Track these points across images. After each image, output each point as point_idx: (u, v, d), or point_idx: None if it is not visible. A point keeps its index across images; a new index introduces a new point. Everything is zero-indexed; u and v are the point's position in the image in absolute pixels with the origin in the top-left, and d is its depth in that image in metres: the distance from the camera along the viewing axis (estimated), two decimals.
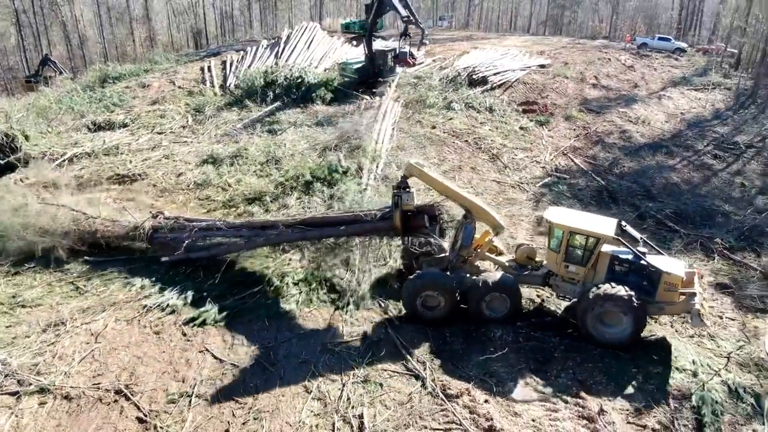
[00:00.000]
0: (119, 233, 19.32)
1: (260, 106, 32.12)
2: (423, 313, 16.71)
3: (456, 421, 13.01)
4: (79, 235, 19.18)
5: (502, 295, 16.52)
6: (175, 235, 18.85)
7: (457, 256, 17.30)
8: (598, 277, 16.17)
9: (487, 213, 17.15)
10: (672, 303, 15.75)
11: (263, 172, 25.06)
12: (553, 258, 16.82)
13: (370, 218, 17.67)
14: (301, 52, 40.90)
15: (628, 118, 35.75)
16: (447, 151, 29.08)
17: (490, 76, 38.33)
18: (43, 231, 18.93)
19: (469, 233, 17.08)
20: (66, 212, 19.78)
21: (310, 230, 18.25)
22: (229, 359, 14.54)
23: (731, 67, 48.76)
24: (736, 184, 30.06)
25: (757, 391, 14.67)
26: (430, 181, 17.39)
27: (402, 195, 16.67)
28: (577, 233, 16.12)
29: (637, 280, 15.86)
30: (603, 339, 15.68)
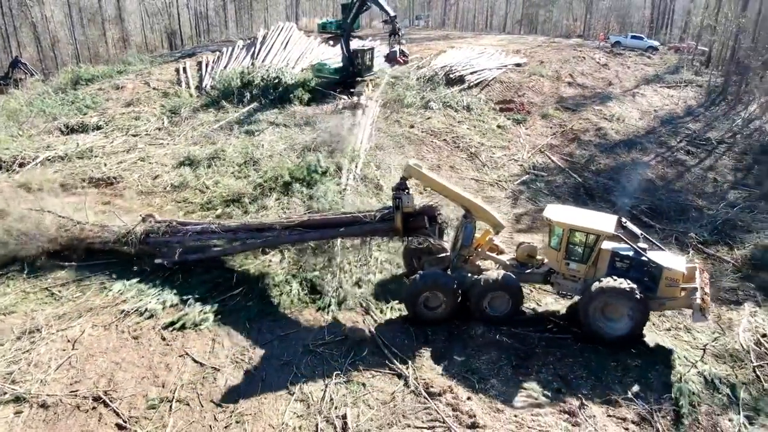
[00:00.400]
0: (109, 238, 18.88)
1: (237, 107, 31.83)
2: (425, 313, 16.71)
3: (439, 419, 13.06)
4: (67, 241, 18.77)
5: (503, 294, 16.55)
6: (169, 238, 18.62)
7: (457, 256, 17.34)
8: (599, 274, 16.20)
9: (486, 212, 17.19)
10: (673, 298, 15.81)
11: (241, 173, 24.86)
12: (553, 256, 16.85)
13: (370, 219, 17.62)
14: (278, 52, 40.63)
15: (604, 116, 36.22)
16: (425, 151, 29.17)
17: (467, 75, 38.53)
18: (29, 237, 18.46)
19: (470, 233, 17.11)
20: (52, 218, 19.28)
21: (309, 232, 18.18)
22: (209, 363, 14.39)
23: (702, 65, 49.71)
24: (709, 179, 30.68)
25: (732, 382, 15.02)
26: (429, 182, 17.43)
27: (402, 197, 16.72)
28: (577, 231, 16.14)
29: (639, 276, 15.86)
30: (605, 334, 15.72)
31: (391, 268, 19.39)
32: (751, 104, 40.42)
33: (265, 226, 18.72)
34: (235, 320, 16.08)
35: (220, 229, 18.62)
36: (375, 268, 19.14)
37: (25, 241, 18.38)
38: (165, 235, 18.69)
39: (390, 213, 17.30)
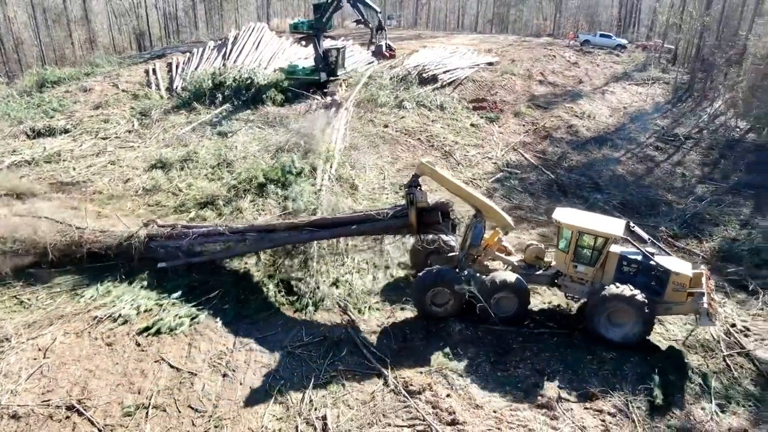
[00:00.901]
0: (111, 243, 18.44)
1: (209, 109, 31.46)
2: (432, 309, 16.83)
3: (419, 417, 13.11)
4: (67, 248, 18.26)
5: (510, 294, 16.56)
6: (174, 242, 18.37)
7: (466, 255, 17.36)
8: (606, 277, 16.23)
9: (496, 212, 17.26)
10: (680, 303, 15.79)
11: (215, 175, 24.59)
12: (561, 258, 16.88)
13: (383, 217, 17.61)
14: (250, 53, 40.26)
15: (575, 113, 36.74)
16: (400, 150, 29.22)
17: (440, 75, 38.70)
18: (26, 244, 18.00)
19: (479, 232, 17.16)
20: (49, 224, 18.72)
21: (320, 231, 18.12)
22: (186, 368, 14.19)
23: (669, 62, 50.76)
24: (677, 174, 31.36)
25: (704, 371, 15.38)
26: (441, 180, 17.46)
27: (416, 193, 16.80)
28: (585, 233, 16.17)
29: (646, 280, 15.91)
30: (610, 339, 15.72)
31: (368, 267, 19.37)
32: (716, 100, 41.45)
33: (274, 227, 18.54)
34: (212, 324, 15.89)
35: (228, 231, 18.44)
36: (353, 268, 19.10)
37: (22, 248, 17.90)
38: (170, 239, 18.43)
39: (402, 210, 17.39)
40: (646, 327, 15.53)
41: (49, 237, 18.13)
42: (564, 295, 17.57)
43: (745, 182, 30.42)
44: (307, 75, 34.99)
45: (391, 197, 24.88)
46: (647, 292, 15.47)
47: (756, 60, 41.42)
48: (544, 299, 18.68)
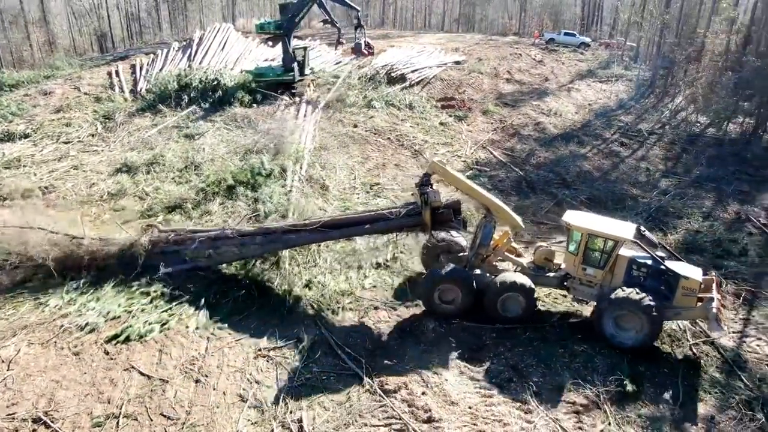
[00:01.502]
0: (113, 252, 17.90)
1: (175, 111, 30.92)
2: (440, 306, 16.89)
3: (395, 416, 13.11)
4: (65, 259, 17.58)
5: (517, 295, 16.57)
6: (180, 247, 18.05)
7: (475, 255, 17.39)
8: (615, 280, 16.19)
9: (506, 213, 17.27)
10: (689, 308, 15.70)
11: (182, 178, 24.17)
12: (571, 260, 16.89)
13: (395, 216, 17.59)
14: (216, 53, 39.73)
15: (542, 111, 37.28)
16: (370, 149, 29.21)
17: (408, 74, 38.84)
18: (22, 258, 17.34)
19: (489, 232, 17.18)
20: (44, 235, 17.93)
21: (332, 231, 17.99)
22: (157, 375, 13.89)
23: (631, 60, 51.88)
24: (642, 169, 32.06)
25: (672, 360, 15.76)
26: (453, 179, 17.44)
27: (429, 192, 16.81)
28: (595, 236, 16.19)
29: (655, 285, 15.86)
30: (617, 342, 15.66)
31: (341, 268, 19.30)
32: (677, 96, 42.55)
33: (285, 228, 18.25)
34: (183, 329, 15.58)
35: (237, 234, 18.16)
36: (325, 269, 19.00)
37: (15, 262, 17.27)
38: (175, 244, 18.07)
39: (415, 208, 17.39)
40: (654, 332, 15.41)
41: (42, 249, 17.37)
42: (572, 298, 17.66)
43: (706, 176, 31.27)
44: (279, 76, 34.69)
45: (362, 197, 24.88)
46: (657, 297, 15.43)
47: (714, 57, 42.60)
48: None
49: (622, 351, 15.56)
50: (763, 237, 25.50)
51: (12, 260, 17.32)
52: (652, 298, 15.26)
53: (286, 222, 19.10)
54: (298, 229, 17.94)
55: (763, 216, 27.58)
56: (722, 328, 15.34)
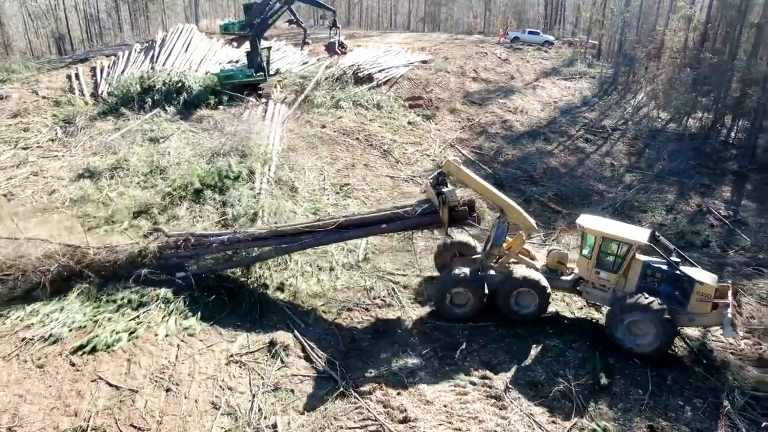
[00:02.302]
0: (120, 259, 17.38)
1: (139, 114, 30.22)
2: (452, 310, 16.86)
3: (371, 418, 13.09)
4: (71, 270, 16.99)
5: (530, 290, 16.56)
6: (191, 252, 17.69)
7: (488, 256, 17.35)
8: (629, 284, 16.12)
9: (520, 213, 17.22)
10: (704, 314, 15.51)
11: (148, 182, 23.61)
12: (584, 264, 16.85)
13: (411, 215, 17.57)
14: (179, 55, 38.98)
15: (508, 109, 37.67)
16: (339, 150, 29.07)
17: (376, 74, 38.77)
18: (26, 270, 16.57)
19: (502, 232, 17.17)
20: (48, 245, 17.23)
21: (349, 231, 17.87)
22: (126, 385, 13.53)
23: (594, 57, 52.84)
24: (607, 164, 32.70)
25: None
26: (467, 179, 17.36)
27: (446, 192, 16.77)
28: (610, 240, 16.11)
29: (670, 290, 15.71)
30: (629, 348, 15.56)
31: (312, 270, 19.17)
32: (638, 93, 43.52)
33: (299, 230, 18.01)
34: (152, 337, 15.21)
35: (249, 238, 17.86)
36: (297, 271, 18.84)
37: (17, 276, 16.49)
38: (185, 249, 17.72)
39: (430, 207, 17.36)
40: (667, 338, 15.25)
41: (44, 261, 16.69)
42: (586, 302, 17.73)
43: (668, 170, 32.07)
44: (248, 77, 34.26)
45: (332, 198, 24.75)
46: (671, 302, 15.39)
47: (672, 54, 43.71)
48: None
49: (638, 358, 15.41)
50: (724, 228, 26.30)
51: (15, 274, 16.54)
52: (666, 304, 15.19)
53: (300, 223, 18.79)
54: (313, 231, 17.78)
55: (723, 208, 28.46)
56: (737, 333, 15.22)
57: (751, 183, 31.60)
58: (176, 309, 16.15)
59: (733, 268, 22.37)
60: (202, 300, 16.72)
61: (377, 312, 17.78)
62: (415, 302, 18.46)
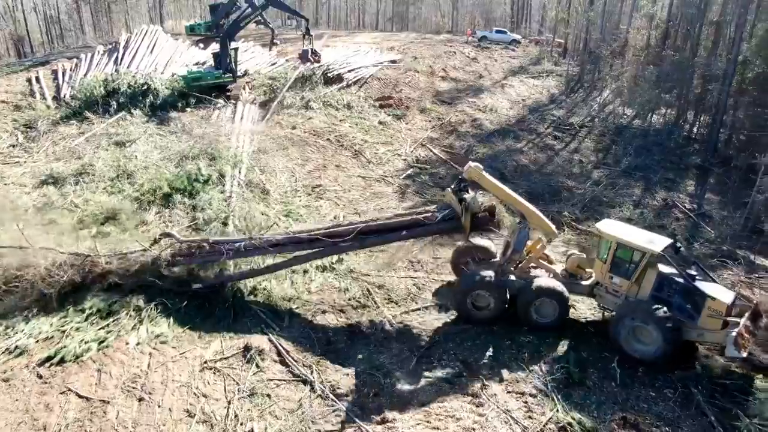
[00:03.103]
0: (132, 267, 16.86)
1: (103, 118, 29.53)
2: (472, 312, 16.80)
3: (349, 420, 13.01)
4: (83, 278, 16.55)
5: (551, 300, 16.45)
6: (205, 259, 17.29)
7: (508, 261, 17.26)
8: (642, 292, 16.00)
9: (541, 219, 17.16)
10: (714, 331, 15.07)
11: (115, 188, 23.09)
12: (599, 268, 16.82)
13: (432, 221, 17.45)
14: (144, 57, 38.24)
15: (478, 107, 37.97)
16: (310, 151, 28.91)
17: (345, 74, 38.68)
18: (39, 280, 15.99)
19: (523, 238, 17.07)
20: (54, 255, 16.63)
21: (370, 238, 17.64)
22: (97, 396, 13.19)
23: (560, 56, 53.63)
24: (575, 161, 33.20)
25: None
26: (490, 185, 17.23)
27: (468, 200, 16.87)
28: (624, 246, 16.07)
29: (682, 302, 15.53)
30: (631, 354, 15.50)
31: (286, 273, 18.98)
32: (604, 90, 44.31)
33: (317, 236, 17.65)
34: (123, 346, 14.86)
35: (266, 245, 17.46)
36: (270, 275, 18.62)
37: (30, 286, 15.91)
38: (199, 257, 17.32)
39: (450, 213, 17.29)
40: (670, 348, 15.02)
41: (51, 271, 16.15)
42: (598, 306, 17.77)
43: (634, 165, 32.70)
44: (216, 78, 33.81)
45: (304, 200, 24.58)
46: (682, 315, 15.30)
47: (636, 51, 44.64)
48: None
49: (640, 363, 15.34)
50: (689, 221, 26.95)
51: (22, 284, 15.99)
52: (674, 315, 15.15)
53: (317, 229, 18.40)
54: (332, 236, 17.54)
55: (688, 201, 29.17)
56: (738, 354, 14.59)
57: (714, 177, 32.45)
58: (148, 316, 15.83)
59: (699, 260, 22.90)
60: (174, 307, 16.42)
61: (352, 313, 17.73)
62: (390, 302, 18.46)
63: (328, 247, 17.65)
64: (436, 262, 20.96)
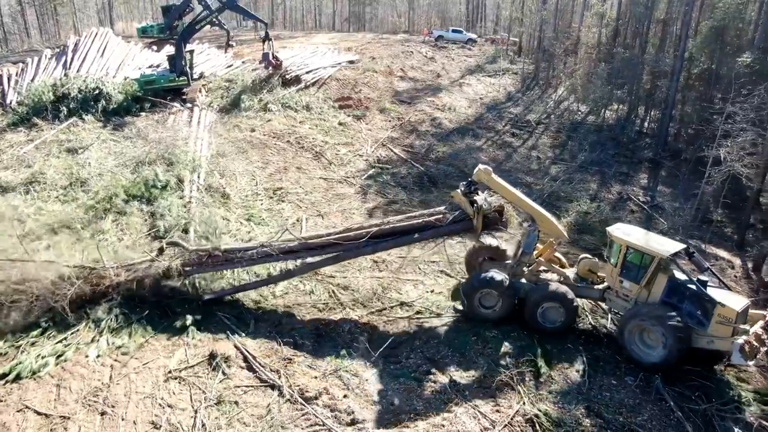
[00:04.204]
0: (142, 277, 16.48)
1: (53, 124, 28.48)
2: (480, 311, 16.87)
3: (319, 423, 12.98)
4: (91, 292, 16.08)
5: (557, 305, 16.44)
6: (216, 268, 17.13)
7: (518, 263, 17.25)
8: (652, 297, 15.84)
9: (550, 222, 17.14)
10: (724, 338, 14.78)
11: (68, 196, 22.32)
12: (610, 272, 16.80)
13: (443, 223, 17.60)
14: (95, 60, 37.09)
15: (436, 106, 38.30)
16: (270, 154, 28.63)
17: (303, 75, 38.43)
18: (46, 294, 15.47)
19: (532, 241, 17.09)
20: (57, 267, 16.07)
21: (383, 242, 17.52)
22: (57, 412, 12.75)
23: (515, 54, 54.55)
24: (533, 157, 33.86)
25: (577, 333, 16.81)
26: (499, 187, 17.19)
27: (479, 201, 17.01)
28: (634, 249, 16.00)
29: (692, 309, 15.29)
30: (637, 358, 15.53)
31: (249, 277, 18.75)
32: (559, 87, 45.33)
33: (330, 242, 17.47)
34: (82, 359, 14.42)
35: (279, 252, 17.21)
36: (233, 279, 18.36)
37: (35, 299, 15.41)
38: (211, 266, 17.04)
39: (460, 215, 17.44)
40: (675, 353, 14.93)
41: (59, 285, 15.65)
42: (608, 309, 17.86)
43: (590, 160, 33.59)
44: (170, 82, 33.09)
45: (266, 203, 24.33)
46: (691, 321, 15.13)
47: (588, 49, 45.81)
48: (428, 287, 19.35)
49: (644, 369, 15.36)
50: (643, 214, 27.83)
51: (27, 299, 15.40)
52: (687, 322, 15.06)
53: (329, 234, 18.20)
54: (345, 241, 17.46)
55: (642, 194, 30.12)
56: (744, 361, 14.45)
57: (665, 169, 33.62)
58: (107, 327, 15.40)
59: None
60: (135, 316, 16.01)
61: (318, 315, 17.65)
62: (356, 303, 18.45)
63: (342, 253, 17.68)
64: (399, 262, 21.07)
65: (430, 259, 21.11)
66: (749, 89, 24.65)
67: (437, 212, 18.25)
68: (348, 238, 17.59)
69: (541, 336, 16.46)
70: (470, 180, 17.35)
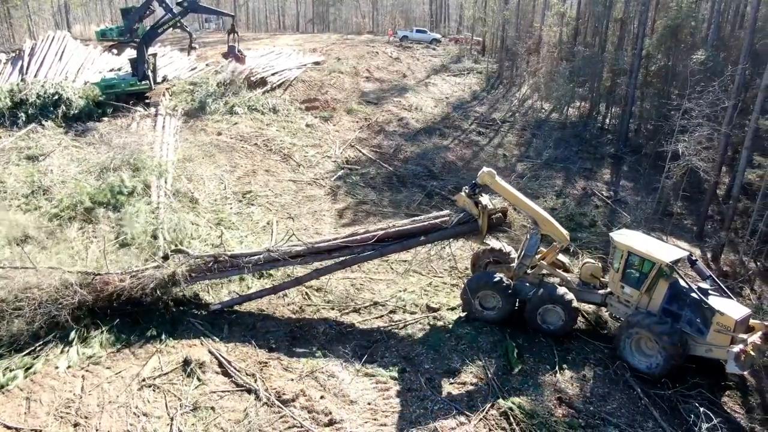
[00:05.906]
0: (148, 284, 16.12)
1: (11, 131, 27.67)
2: (480, 312, 16.93)
3: (297, 425, 13.02)
4: (94, 299, 15.77)
5: (557, 308, 16.49)
6: (223, 274, 16.98)
7: (520, 266, 17.30)
8: (653, 304, 15.81)
9: (553, 225, 17.15)
10: (722, 347, 14.77)
11: (30, 205, 21.76)
12: (613, 277, 16.86)
13: (449, 225, 17.71)
14: (53, 64, 36.17)
15: (403, 107, 38.55)
16: (238, 157, 28.42)
17: (269, 77, 38.24)
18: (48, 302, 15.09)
19: (534, 243, 17.11)
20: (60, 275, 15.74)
21: (390, 245, 17.56)
22: (28, 426, 12.49)
23: (479, 54, 55.24)
24: (500, 155, 34.39)
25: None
26: (503, 190, 17.19)
27: (484, 202, 17.20)
28: (635, 255, 16.04)
29: (692, 316, 15.27)
30: (633, 365, 15.55)
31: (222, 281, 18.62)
32: (522, 86, 46.12)
33: (337, 245, 17.41)
34: (52, 371, 14.15)
35: (286, 257, 17.04)
36: (207, 284, 18.18)
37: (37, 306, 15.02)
38: (217, 272, 16.89)
39: (465, 217, 17.62)
40: (672, 361, 14.96)
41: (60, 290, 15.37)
42: (609, 315, 17.99)
43: (554, 157, 34.30)
44: (132, 85, 32.50)
45: (235, 206, 24.16)
46: (691, 329, 15.16)
47: (550, 48, 46.69)
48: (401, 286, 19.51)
49: (642, 376, 15.40)
50: (607, 208, 28.58)
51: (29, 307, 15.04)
52: (687, 330, 15.13)
53: (335, 238, 18.18)
54: (351, 245, 17.47)
55: (605, 189, 30.91)
56: (739, 370, 14.63)
57: (627, 164, 34.55)
58: (78, 337, 15.13)
59: None
60: (105, 324, 15.75)
61: (293, 318, 17.65)
62: (329, 304, 18.51)
63: (349, 258, 17.72)
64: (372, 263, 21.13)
65: (400, 258, 21.27)
66: (704, 86, 25.53)
67: (442, 215, 18.47)
68: (354, 242, 17.74)
69: (512, 331, 16.80)
70: (474, 182, 17.51)
